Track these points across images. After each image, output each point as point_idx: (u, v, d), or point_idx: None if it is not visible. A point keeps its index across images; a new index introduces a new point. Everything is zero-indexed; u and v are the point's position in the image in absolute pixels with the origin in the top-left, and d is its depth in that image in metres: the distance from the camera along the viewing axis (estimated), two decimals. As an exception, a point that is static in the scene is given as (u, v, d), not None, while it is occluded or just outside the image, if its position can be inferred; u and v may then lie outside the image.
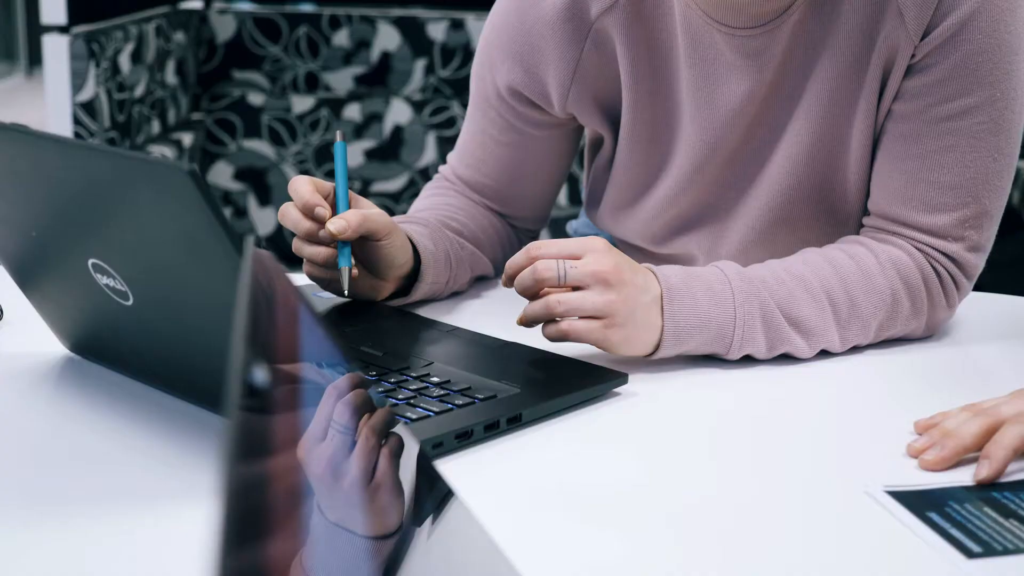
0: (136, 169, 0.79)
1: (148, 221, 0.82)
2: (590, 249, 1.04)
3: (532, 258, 1.04)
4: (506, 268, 1.07)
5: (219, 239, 0.76)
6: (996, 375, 1.09)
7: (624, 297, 1.02)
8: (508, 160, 1.32)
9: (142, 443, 0.91)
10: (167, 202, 0.78)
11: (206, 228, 0.76)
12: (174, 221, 0.79)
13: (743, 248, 1.25)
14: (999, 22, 1.11)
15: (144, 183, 0.79)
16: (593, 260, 1.03)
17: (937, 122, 1.13)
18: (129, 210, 0.83)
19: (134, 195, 0.81)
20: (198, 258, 0.81)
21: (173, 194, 0.77)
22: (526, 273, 1.04)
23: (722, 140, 1.21)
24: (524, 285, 1.04)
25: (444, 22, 3.07)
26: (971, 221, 1.14)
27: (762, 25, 1.15)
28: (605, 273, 1.02)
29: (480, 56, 1.29)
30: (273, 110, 3.09)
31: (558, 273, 1.02)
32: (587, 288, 1.02)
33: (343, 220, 1.12)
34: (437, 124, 3.08)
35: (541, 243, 1.05)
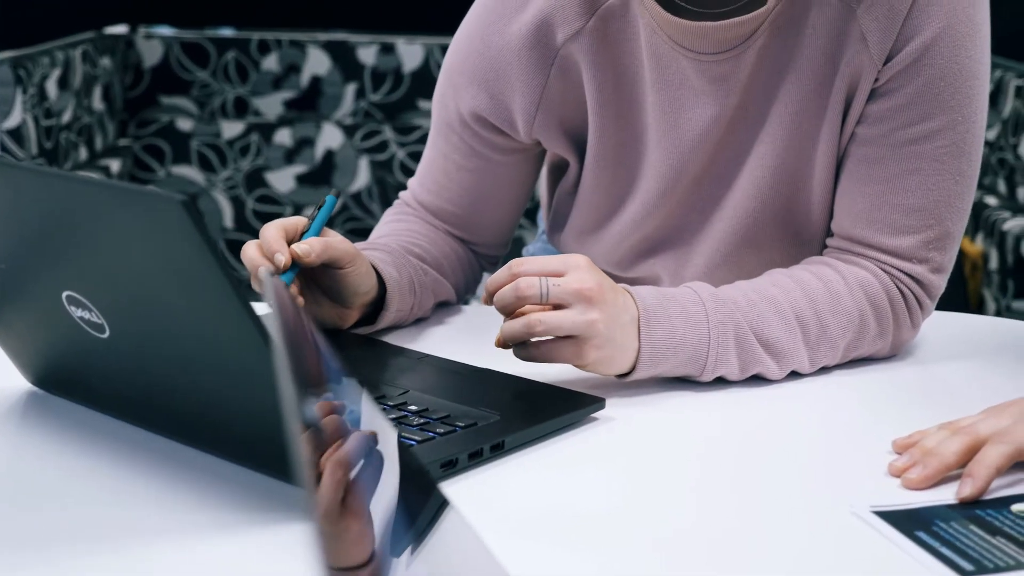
0: (124, 200, 0.78)
1: (134, 252, 0.81)
2: (572, 266, 1.03)
3: (514, 274, 1.03)
4: (487, 284, 1.06)
5: (212, 272, 0.75)
6: (962, 392, 1.10)
7: (605, 316, 1.02)
8: (470, 186, 1.31)
9: (114, 480, 0.89)
10: (157, 233, 0.77)
11: (199, 261, 0.75)
12: (163, 253, 0.78)
13: (708, 270, 1.25)
14: (960, 47, 1.13)
15: (132, 214, 0.78)
16: (576, 278, 1.02)
17: (901, 146, 1.14)
18: (113, 241, 0.81)
19: (120, 226, 0.79)
20: (187, 290, 0.79)
21: (165, 225, 0.75)
22: (507, 290, 1.03)
23: (688, 164, 1.22)
24: (505, 302, 1.03)
25: (374, 46, 3.07)
26: (935, 243, 1.16)
27: (727, 51, 1.16)
28: (588, 291, 1.02)
29: (443, 82, 1.29)
30: (202, 135, 3.06)
31: (540, 291, 1.02)
32: (568, 306, 1.02)
33: (307, 245, 1.11)
34: (369, 148, 3.07)
35: (523, 259, 1.05)
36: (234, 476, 0.88)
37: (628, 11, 1.19)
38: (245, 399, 0.83)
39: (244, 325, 0.76)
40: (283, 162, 3.07)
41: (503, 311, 1.04)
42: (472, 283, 1.37)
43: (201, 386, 0.86)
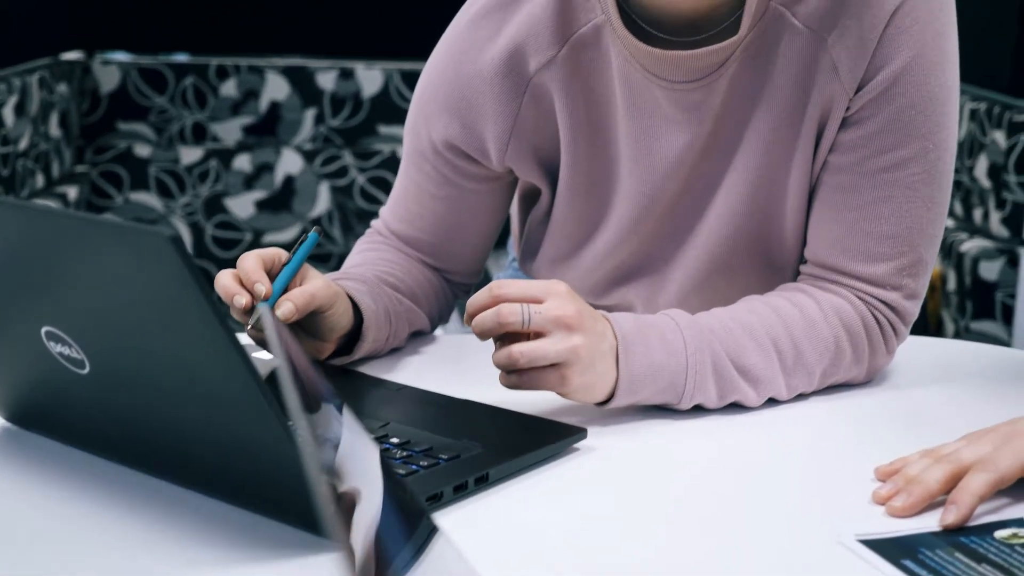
0: (111, 235, 0.77)
1: (118, 287, 0.80)
2: (553, 293, 1.03)
3: (495, 297, 1.03)
4: (468, 306, 1.05)
5: (201, 307, 0.75)
6: (940, 417, 1.11)
7: (586, 343, 1.02)
8: (443, 214, 1.31)
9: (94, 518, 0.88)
10: (144, 268, 0.76)
11: (187, 296, 0.74)
12: (149, 288, 0.77)
13: (682, 298, 1.26)
14: (930, 75, 1.14)
15: (119, 249, 0.77)
16: (556, 305, 1.02)
17: (873, 174, 1.15)
18: (97, 276, 0.81)
19: (105, 261, 0.79)
20: (173, 326, 0.79)
21: (152, 261, 0.75)
22: (489, 316, 1.03)
23: (661, 191, 1.22)
24: (485, 328, 1.03)
25: (333, 71, 3.06)
26: (908, 270, 1.17)
27: (700, 79, 1.17)
28: (568, 319, 1.02)
29: (415, 110, 1.29)
30: (160, 162, 3.04)
31: (522, 318, 1.02)
32: (548, 334, 1.02)
33: (290, 303, 1.10)
34: (329, 174, 3.06)
35: (503, 283, 1.04)
36: (221, 514, 0.88)
37: (600, 40, 1.19)
38: (232, 435, 0.82)
39: (233, 361, 0.76)
40: (242, 188, 3.06)
41: (482, 336, 1.04)
42: (446, 311, 1.37)
43: (186, 422, 0.85)
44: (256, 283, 1.10)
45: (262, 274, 1.11)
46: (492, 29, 1.22)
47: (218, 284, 1.11)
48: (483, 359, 1.17)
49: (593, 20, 1.19)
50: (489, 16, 1.23)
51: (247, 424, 0.80)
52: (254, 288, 1.10)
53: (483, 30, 1.23)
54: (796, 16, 1.15)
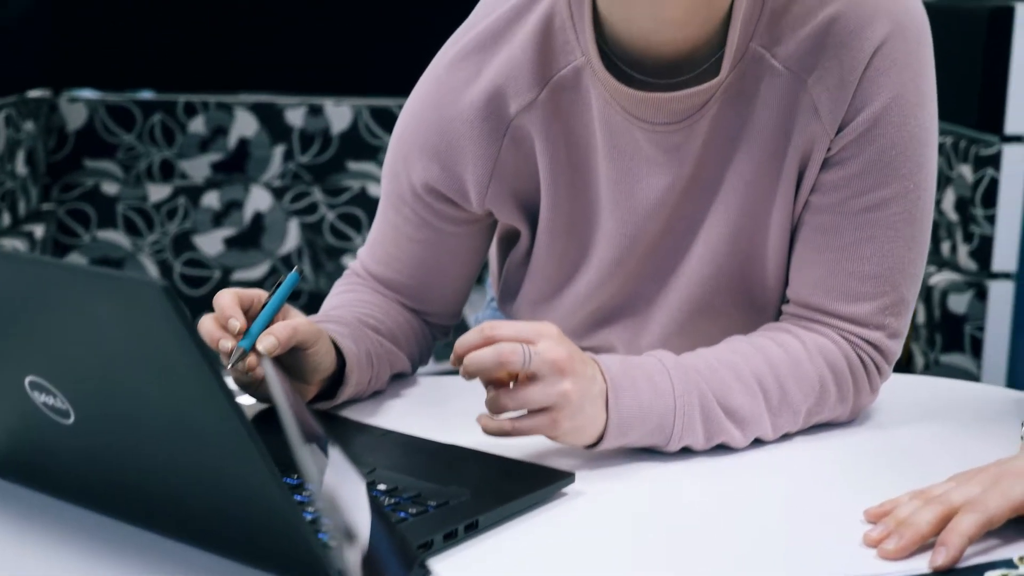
0: (101, 285, 0.76)
1: (107, 337, 0.79)
2: (545, 335, 1.03)
3: (487, 338, 1.03)
4: (457, 347, 1.04)
5: (193, 358, 0.74)
6: (925, 456, 1.11)
7: (577, 387, 1.02)
8: (422, 257, 1.30)
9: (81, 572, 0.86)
10: (135, 318, 0.75)
11: (179, 347, 0.74)
12: (140, 337, 0.76)
13: (664, 339, 1.25)
14: (910, 116, 1.15)
15: (108, 299, 0.76)
16: (549, 347, 1.02)
17: (855, 214, 1.16)
18: (85, 326, 0.80)
19: (94, 310, 0.78)
20: (164, 376, 0.78)
21: (143, 311, 0.74)
22: (488, 353, 1.02)
23: (642, 233, 1.22)
24: (484, 366, 1.02)
25: (302, 108, 3.06)
26: (890, 309, 1.17)
27: (680, 121, 1.17)
28: (561, 362, 1.02)
29: (393, 153, 1.28)
30: (128, 199, 3.03)
31: (523, 359, 1.01)
32: (541, 377, 1.02)
33: (272, 337, 1.09)
34: (298, 210, 3.06)
35: (495, 324, 1.04)
36: (211, 566, 0.86)
37: (580, 82, 1.20)
38: (223, 485, 0.81)
39: (226, 413, 0.75)
40: (211, 225, 3.04)
41: (476, 374, 1.03)
42: (426, 353, 1.36)
43: (175, 473, 0.84)
44: (230, 318, 1.09)
45: (237, 310, 1.11)
46: (471, 71, 1.22)
47: (201, 329, 1.10)
48: (466, 402, 1.17)
49: (573, 62, 1.19)
50: (468, 59, 1.22)
51: (239, 475, 0.79)
52: (228, 323, 1.09)
53: (462, 72, 1.22)
54: (776, 58, 1.16)
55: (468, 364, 1.02)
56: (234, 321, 1.09)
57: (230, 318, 1.09)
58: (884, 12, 1.14)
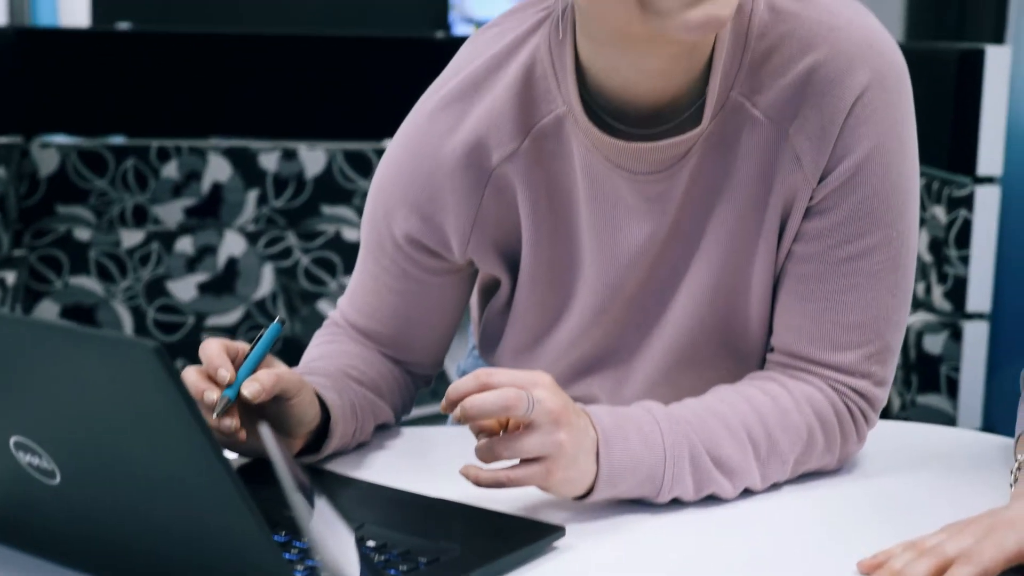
0: (91, 346, 0.75)
1: (97, 397, 0.78)
2: (540, 384, 1.03)
3: (483, 384, 1.02)
4: (450, 392, 1.03)
5: (184, 420, 0.73)
6: (914, 505, 1.11)
7: (571, 438, 1.02)
8: (403, 308, 1.29)
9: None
10: (126, 379, 0.75)
11: (170, 408, 0.73)
12: (130, 398, 0.76)
13: (647, 388, 1.25)
14: (891, 164, 1.15)
15: (99, 359, 0.75)
16: (546, 396, 1.02)
17: (839, 263, 1.16)
18: (73, 386, 0.79)
19: (83, 371, 0.77)
20: (154, 437, 0.77)
21: (135, 372, 0.73)
22: (493, 398, 1.01)
23: (624, 281, 1.22)
24: (488, 411, 1.00)
25: (276, 152, 3.06)
26: (876, 357, 1.17)
27: (662, 170, 1.17)
28: (556, 412, 1.01)
29: (373, 203, 1.27)
30: (101, 245, 3.01)
31: (527, 406, 1.01)
32: (539, 426, 1.01)
33: (257, 383, 1.08)
34: (273, 255, 3.05)
35: (491, 371, 1.03)
36: (195, 626, 0.85)
37: (562, 130, 1.20)
38: (213, 546, 0.80)
39: (217, 473, 0.74)
40: (184, 271, 3.03)
41: (476, 418, 1.01)
42: (409, 403, 1.35)
43: (164, 533, 0.83)
44: (219, 368, 1.08)
45: (225, 359, 1.10)
46: (452, 121, 1.21)
47: (187, 381, 1.09)
48: (450, 453, 1.16)
49: (555, 111, 1.19)
50: (449, 108, 1.22)
51: (229, 533, 0.78)
52: (217, 373, 1.08)
53: (443, 122, 1.22)
54: (756, 106, 1.16)
55: (470, 408, 1.01)
56: (223, 371, 1.08)
57: (219, 368, 1.08)
58: (864, 61, 1.15)
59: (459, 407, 1.02)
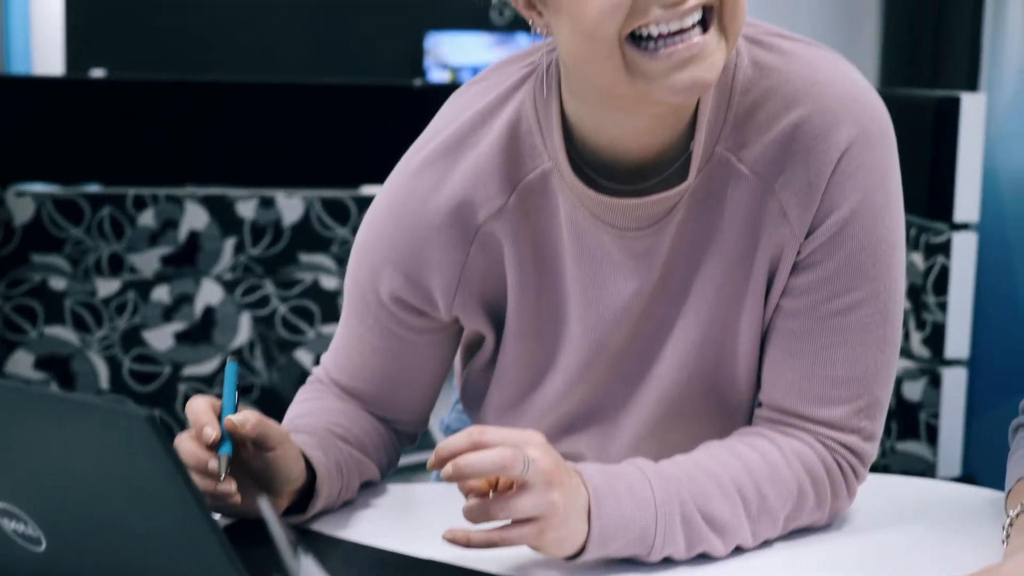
0: (82, 414, 0.74)
1: (86, 465, 0.77)
2: (533, 443, 1.02)
3: (476, 443, 1.01)
4: (440, 449, 1.02)
5: (177, 488, 0.72)
6: (906, 561, 1.10)
7: (563, 498, 1.01)
8: (388, 367, 1.28)
9: None
10: (117, 447, 0.74)
11: (163, 476, 0.72)
12: (121, 466, 0.75)
13: (634, 444, 1.24)
14: (878, 218, 1.15)
15: (89, 428, 0.74)
16: (539, 456, 1.01)
17: (827, 318, 1.16)
18: (62, 453, 0.78)
19: (73, 438, 0.76)
20: (145, 504, 0.76)
21: (126, 440, 0.72)
22: (490, 457, 1.00)
23: (610, 337, 1.21)
24: (483, 471, 1.00)
25: (253, 200, 3.05)
26: (865, 412, 1.17)
27: (649, 226, 1.17)
28: (550, 472, 1.01)
29: (357, 262, 1.26)
30: (76, 294, 2.99)
31: (523, 467, 1.00)
32: (532, 486, 1.00)
33: (242, 415, 1.08)
34: (250, 304, 3.03)
35: (484, 429, 1.02)
36: None
37: (547, 186, 1.19)
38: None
39: (210, 541, 0.73)
40: (161, 320, 3.01)
41: (470, 477, 1.00)
42: (394, 459, 1.34)
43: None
44: (204, 426, 1.07)
45: (211, 416, 1.08)
46: (437, 178, 1.20)
47: (183, 450, 1.07)
48: (438, 511, 1.15)
49: (540, 167, 1.19)
50: (433, 165, 1.21)
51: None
52: (203, 432, 1.07)
53: (427, 179, 1.21)
54: (742, 161, 1.16)
55: (465, 467, 1.00)
56: (208, 429, 1.07)
57: (204, 425, 1.07)
58: (849, 116, 1.15)
59: (452, 466, 1.01)
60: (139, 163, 3.12)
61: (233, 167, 3.15)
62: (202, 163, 3.15)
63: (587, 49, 1.05)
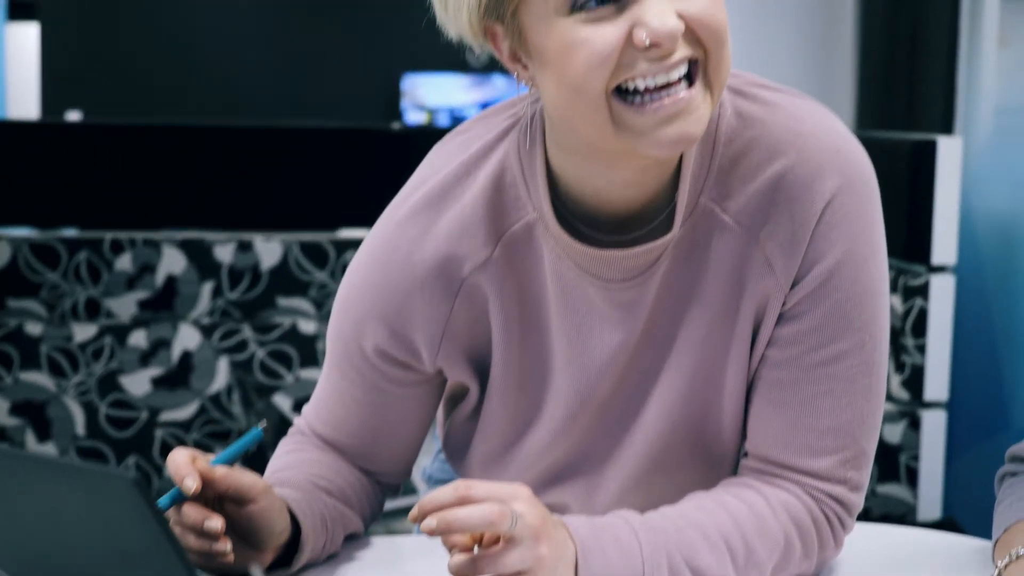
0: (69, 477, 0.73)
1: (71, 527, 0.76)
2: (520, 498, 1.01)
3: (462, 497, 1.00)
4: (425, 503, 1.01)
5: (163, 550, 0.71)
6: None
7: (551, 552, 1.01)
8: (371, 420, 1.27)
9: None
10: (103, 511, 0.73)
11: (150, 539, 0.71)
12: (108, 529, 0.74)
13: (619, 495, 1.24)
14: (863, 269, 1.15)
15: (76, 491, 0.73)
16: (526, 511, 1.00)
17: (813, 368, 1.16)
18: (46, 516, 0.77)
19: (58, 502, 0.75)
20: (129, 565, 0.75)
21: (113, 504, 0.71)
22: (478, 513, 0.99)
23: (595, 388, 1.21)
24: (471, 526, 0.99)
25: (231, 244, 3.04)
26: (851, 462, 1.17)
27: (634, 278, 1.17)
28: (538, 527, 1.00)
29: (340, 316, 1.24)
30: (52, 339, 2.97)
31: (511, 522, 0.99)
32: (519, 541, 0.99)
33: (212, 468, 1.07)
34: (228, 348, 3.02)
35: (471, 483, 1.02)
36: None
37: (532, 237, 1.19)
38: None
39: (196, 608, 0.72)
40: (138, 365, 2.99)
41: (457, 532, 1.00)
42: (377, 511, 1.33)
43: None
44: (185, 477, 1.06)
45: (191, 467, 1.07)
46: (421, 231, 1.19)
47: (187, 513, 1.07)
48: (423, 565, 1.14)
49: (525, 218, 1.18)
50: (416, 218, 1.20)
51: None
52: (183, 482, 1.06)
53: (411, 232, 1.20)
54: (726, 212, 1.16)
55: (453, 523, 0.99)
56: (189, 481, 1.06)
57: (185, 477, 1.06)
58: (832, 167, 1.15)
59: (439, 520, 1.00)
60: (116, 207, 3.11)
61: (211, 211, 3.14)
62: (180, 207, 3.15)
63: (573, 103, 1.05)
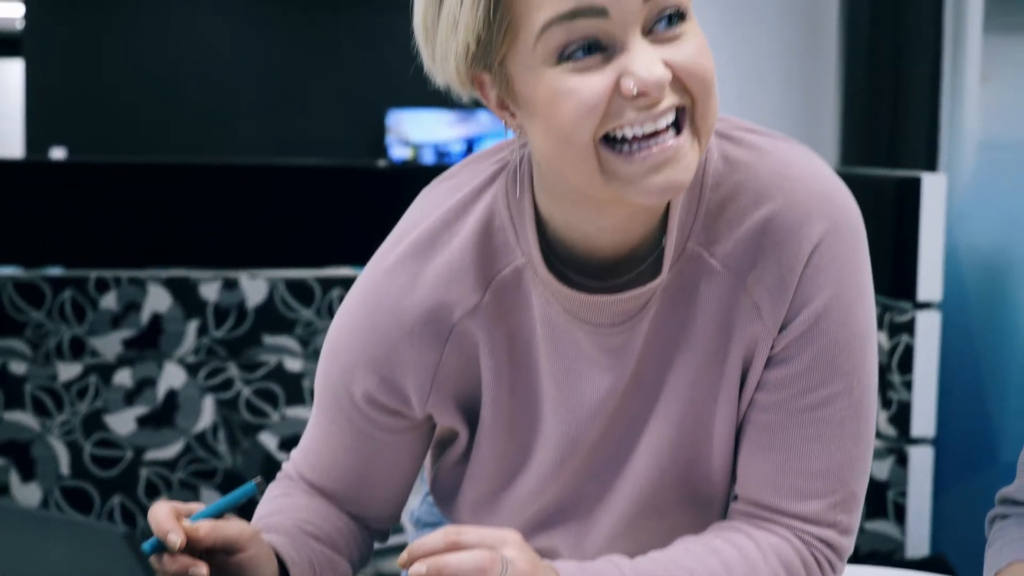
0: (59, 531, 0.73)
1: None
2: (510, 543, 1.02)
3: (452, 543, 1.00)
4: (414, 548, 1.01)
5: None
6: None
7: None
8: (359, 466, 1.26)
9: None
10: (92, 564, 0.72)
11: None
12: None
13: (609, 540, 1.23)
14: (850, 313, 1.16)
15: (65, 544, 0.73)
16: (516, 557, 1.01)
17: (801, 412, 1.16)
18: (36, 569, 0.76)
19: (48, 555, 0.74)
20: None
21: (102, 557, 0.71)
22: (466, 561, 0.99)
23: (584, 433, 1.21)
24: (460, 571, 0.99)
25: (217, 282, 3.03)
26: (841, 505, 1.16)
27: (622, 323, 1.17)
28: (528, 573, 1.01)
29: (329, 362, 1.24)
30: (36, 378, 2.96)
31: (501, 569, 0.99)
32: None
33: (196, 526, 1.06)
34: (213, 387, 3.01)
35: (459, 529, 1.02)
36: None
37: (521, 282, 1.19)
38: None
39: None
40: (123, 404, 2.98)
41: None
42: (365, 556, 1.32)
43: None
44: (168, 532, 1.05)
45: (173, 521, 1.06)
46: (409, 278, 1.19)
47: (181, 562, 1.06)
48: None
49: (513, 263, 1.18)
50: (405, 265, 1.20)
51: None
52: (168, 538, 1.05)
53: (400, 279, 1.19)
54: (714, 256, 1.17)
55: (443, 568, 0.99)
56: (172, 536, 1.05)
57: (168, 532, 1.05)
58: (819, 211, 1.16)
59: (430, 566, 1.00)
60: (101, 245, 3.10)
61: (196, 249, 3.14)
62: (165, 245, 3.14)
63: (562, 151, 1.06)
